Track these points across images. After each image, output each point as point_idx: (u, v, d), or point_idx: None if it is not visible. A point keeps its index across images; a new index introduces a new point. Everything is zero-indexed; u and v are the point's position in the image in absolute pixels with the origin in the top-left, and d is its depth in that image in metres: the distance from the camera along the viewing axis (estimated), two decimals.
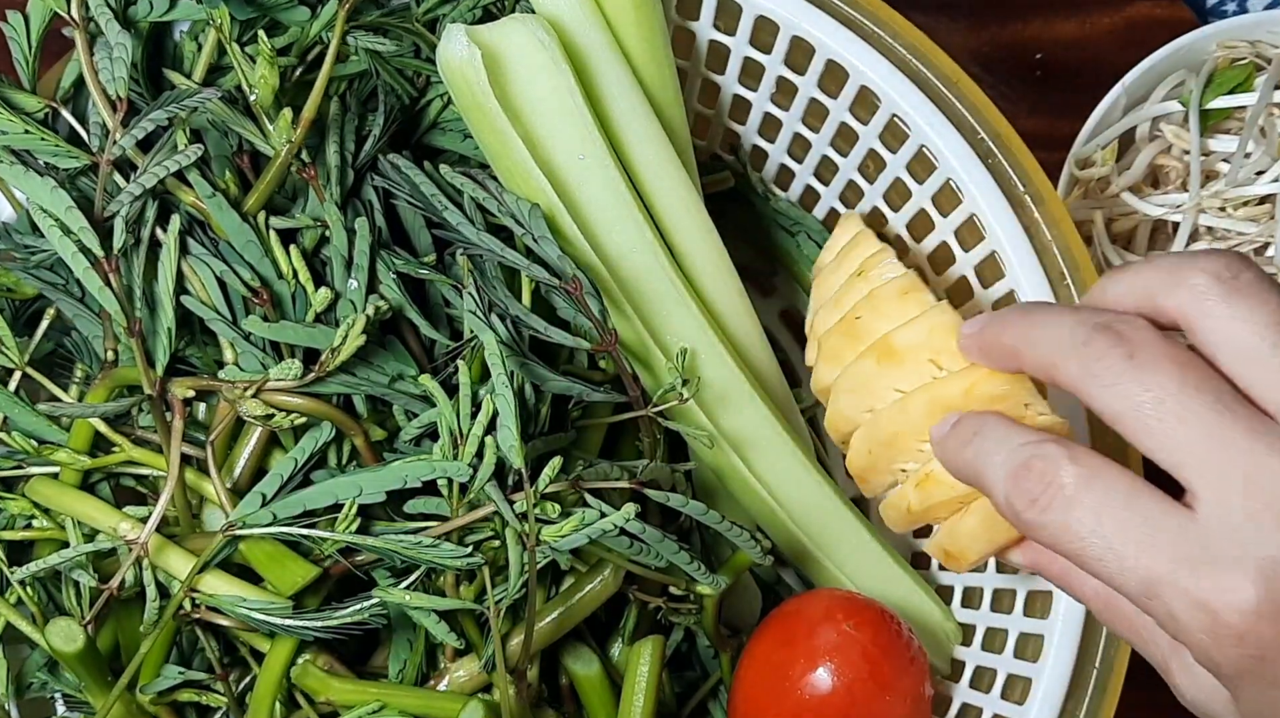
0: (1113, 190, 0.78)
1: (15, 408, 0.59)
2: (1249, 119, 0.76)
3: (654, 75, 0.61)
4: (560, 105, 0.57)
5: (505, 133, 0.56)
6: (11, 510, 0.59)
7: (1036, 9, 0.90)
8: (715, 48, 0.66)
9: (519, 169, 0.57)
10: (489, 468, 0.54)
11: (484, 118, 0.56)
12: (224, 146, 0.59)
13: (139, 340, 0.55)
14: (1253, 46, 0.79)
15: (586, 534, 0.53)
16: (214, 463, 0.56)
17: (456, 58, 0.55)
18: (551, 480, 0.54)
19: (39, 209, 0.54)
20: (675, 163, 0.61)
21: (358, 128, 0.61)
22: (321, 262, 0.59)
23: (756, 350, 0.65)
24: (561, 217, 0.57)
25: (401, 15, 0.63)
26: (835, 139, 0.68)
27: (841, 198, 0.71)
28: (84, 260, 0.53)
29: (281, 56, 0.60)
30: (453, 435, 0.55)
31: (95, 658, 0.57)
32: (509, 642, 0.58)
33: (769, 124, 0.71)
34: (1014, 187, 0.61)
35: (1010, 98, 0.58)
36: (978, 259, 0.63)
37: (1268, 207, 0.75)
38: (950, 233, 0.64)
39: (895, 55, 0.62)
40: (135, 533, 0.56)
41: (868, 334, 0.54)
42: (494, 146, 0.57)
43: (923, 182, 0.64)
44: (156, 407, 0.56)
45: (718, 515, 0.57)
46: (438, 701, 0.57)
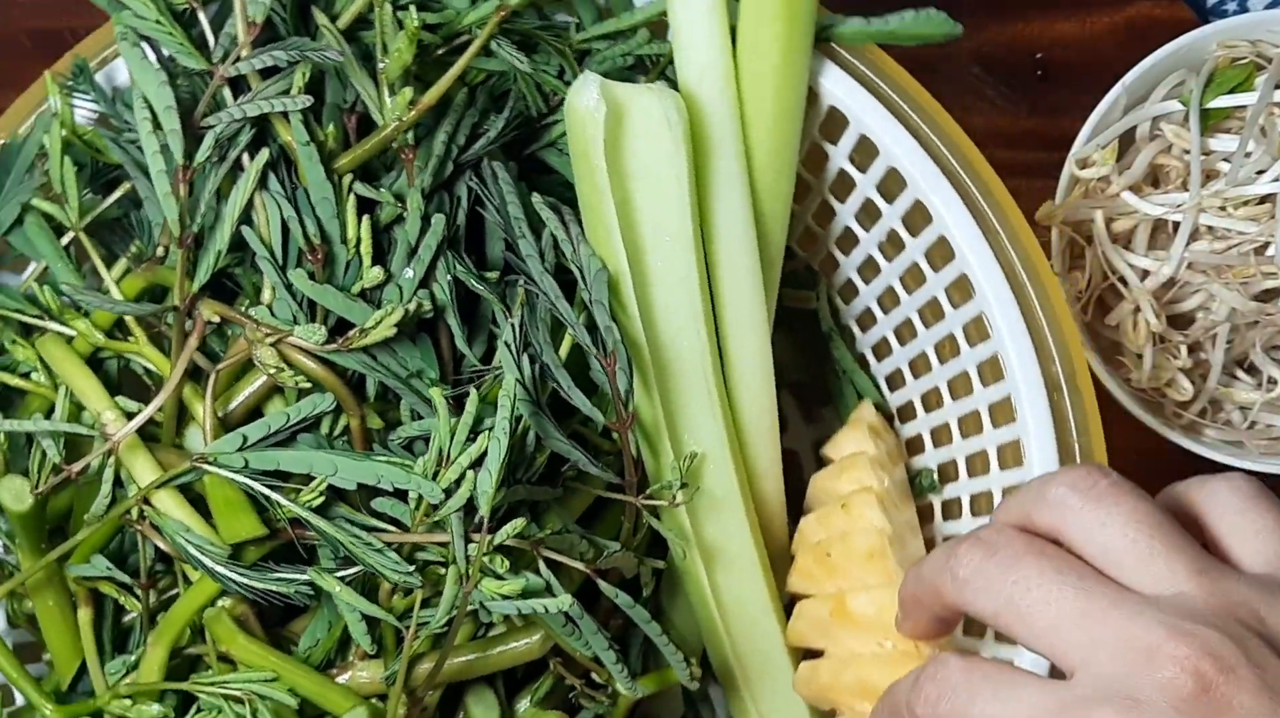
0: (1113, 190, 0.77)
1: (59, 263, 0.60)
2: (1249, 118, 0.75)
3: (770, 183, 0.60)
4: (664, 185, 0.56)
5: (603, 192, 0.55)
6: (17, 357, 0.60)
7: (1037, 8, 0.89)
8: (842, 175, 0.65)
9: (603, 228, 0.56)
10: (460, 500, 0.54)
11: (588, 170, 0.56)
12: (339, 96, 0.59)
13: (186, 252, 0.55)
14: (1253, 46, 0.78)
15: (518, 607, 0.52)
16: (212, 390, 0.57)
17: (583, 106, 0.55)
18: (511, 536, 0.53)
19: (141, 97, 0.54)
20: (756, 276, 0.60)
21: (476, 124, 0.61)
22: (388, 240, 0.59)
23: (768, 480, 0.64)
24: (625, 285, 0.57)
25: (559, 33, 0.62)
26: (904, 275, 0.67)
27: (897, 333, 0.70)
28: (161, 161, 0.53)
29: (428, 32, 0.60)
30: (441, 454, 0.55)
31: (38, 525, 0.58)
32: (419, 664, 0.57)
33: (847, 238, 0.70)
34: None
35: (1010, 97, 0.58)
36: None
37: (1268, 206, 0.75)
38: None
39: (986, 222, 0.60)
40: (116, 426, 0.57)
41: (834, 574, 0.60)
42: (588, 198, 0.57)
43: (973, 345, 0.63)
44: (180, 318, 0.57)
45: (658, 629, 0.57)
46: (330, 692, 0.57)
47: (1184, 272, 0.76)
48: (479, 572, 0.53)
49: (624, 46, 0.61)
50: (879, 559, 0.59)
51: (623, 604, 0.56)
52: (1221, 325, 0.76)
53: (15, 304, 0.60)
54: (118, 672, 0.58)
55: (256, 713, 0.56)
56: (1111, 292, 0.79)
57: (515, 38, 0.61)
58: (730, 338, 0.61)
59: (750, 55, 0.58)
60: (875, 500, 0.61)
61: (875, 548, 0.59)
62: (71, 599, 0.60)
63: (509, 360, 0.55)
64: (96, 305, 0.57)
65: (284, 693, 0.56)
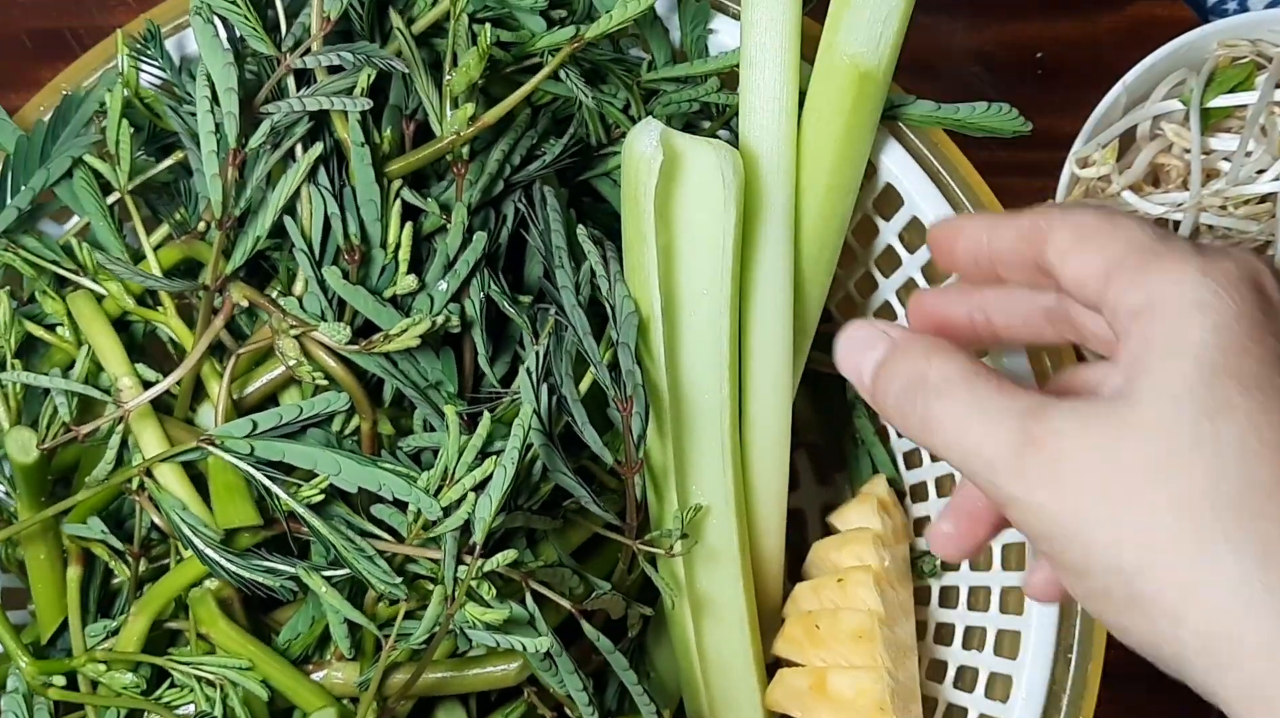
0: (1113, 189, 0.77)
1: (101, 221, 0.60)
2: (1250, 118, 0.75)
3: (815, 252, 0.60)
4: (709, 239, 0.56)
5: (647, 237, 0.55)
6: (46, 308, 0.60)
7: (1037, 8, 0.90)
8: (889, 251, 0.65)
9: (642, 272, 0.56)
10: (458, 520, 0.54)
11: (636, 214, 0.55)
12: (401, 100, 0.59)
13: (225, 234, 0.55)
14: (1253, 45, 0.77)
15: (497, 639, 0.52)
16: (231, 372, 0.57)
17: (640, 151, 0.54)
18: (502, 565, 0.53)
19: (204, 74, 0.54)
20: (786, 340, 0.60)
21: (533, 145, 0.61)
22: (428, 249, 0.59)
23: (770, 537, 0.64)
24: (656, 330, 0.56)
25: (630, 68, 0.62)
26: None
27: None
28: (214, 142, 0.53)
29: (500, 49, 0.59)
30: (446, 472, 0.55)
31: (40, 478, 0.58)
32: (394, 673, 0.57)
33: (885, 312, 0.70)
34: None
35: (1011, 97, 0.57)
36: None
37: (1268, 205, 0.74)
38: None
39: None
40: (131, 394, 0.57)
41: (819, 647, 0.60)
42: (632, 240, 0.56)
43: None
44: (209, 297, 0.57)
45: (634, 678, 0.57)
46: (302, 688, 0.57)
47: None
48: (465, 595, 0.53)
49: (692, 92, 0.61)
50: (866, 642, 0.59)
51: (603, 649, 0.55)
52: None
53: (53, 255, 0.60)
54: (98, 636, 0.58)
55: (227, 699, 0.56)
56: None
57: (585, 65, 0.61)
58: (753, 397, 0.60)
59: (814, 123, 0.57)
60: (871, 580, 0.60)
61: (863, 629, 0.59)
62: (63, 555, 0.60)
63: (528, 390, 0.55)
64: (128, 277, 0.57)
65: (256, 683, 0.56)
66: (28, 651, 0.58)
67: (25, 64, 0.85)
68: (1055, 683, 0.58)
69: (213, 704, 0.56)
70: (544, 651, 0.52)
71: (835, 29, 0.56)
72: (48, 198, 0.61)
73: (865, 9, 0.55)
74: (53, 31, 0.86)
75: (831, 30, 0.56)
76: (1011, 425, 0.40)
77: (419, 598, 0.57)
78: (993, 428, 0.40)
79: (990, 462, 0.40)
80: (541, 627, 0.53)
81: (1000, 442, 0.40)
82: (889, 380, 0.44)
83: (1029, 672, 0.59)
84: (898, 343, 0.45)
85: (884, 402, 0.45)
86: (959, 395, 0.42)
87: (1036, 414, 0.40)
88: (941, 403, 0.42)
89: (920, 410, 0.43)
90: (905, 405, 0.43)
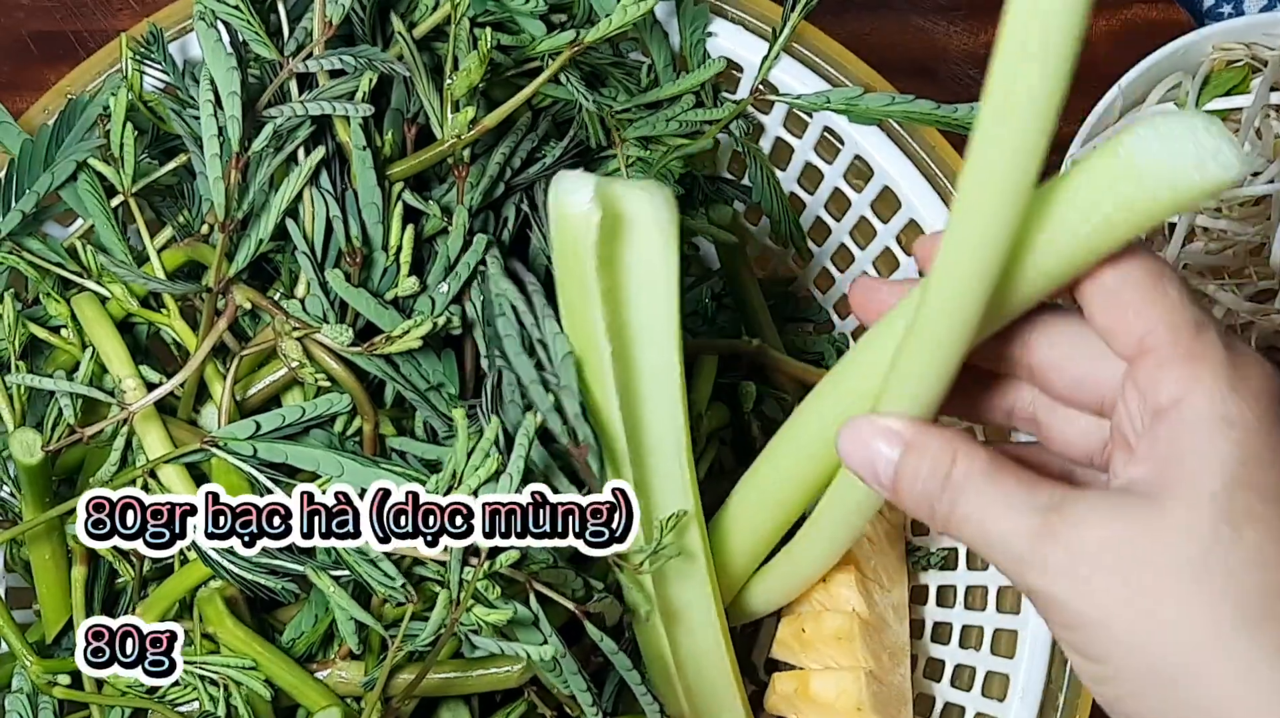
0: None
1: (105, 224, 0.61)
2: (1245, 121, 0.76)
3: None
4: (652, 283, 0.54)
5: (590, 290, 0.52)
6: (50, 310, 0.60)
7: None
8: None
9: (587, 322, 0.53)
10: (473, 543, 0.54)
11: (577, 269, 0.52)
12: (403, 103, 0.60)
13: (228, 236, 0.56)
14: (1248, 49, 0.78)
15: (501, 647, 0.52)
16: (234, 373, 0.57)
17: (574, 210, 0.51)
18: (505, 566, 0.53)
19: (208, 78, 0.54)
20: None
21: (534, 148, 0.61)
22: (429, 252, 0.59)
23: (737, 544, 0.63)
24: (605, 373, 0.54)
25: (630, 71, 0.63)
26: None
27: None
28: (217, 145, 0.54)
29: (500, 53, 0.60)
30: (455, 475, 0.55)
31: (44, 479, 0.59)
32: (399, 673, 0.58)
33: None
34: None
35: None
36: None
37: (1263, 207, 0.75)
38: None
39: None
40: (135, 395, 0.57)
41: (805, 648, 0.61)
42: (573, 295, 0.54)
43: None
44: (212, 299, 0.57)
45: (638, 677, 0.57)
46: (307, 687, 0.57)
47: (1180, 273, 0.76)
48: (470, 597, 0.53)
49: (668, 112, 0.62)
50: (846, 642, 0.59)
51: (606, 650, 0.56)
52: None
53: (57, 258, 0.60)
54: None
55: (230, 698, 0.57)
56: None
57: (585, 69, 0.62)
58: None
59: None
60: (854, 580, 0.61)
61: (844, 631, 0.59)
62: (68, 555, 0.60)
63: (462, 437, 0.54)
64: (131, 280, 0.57)
65: (260, 683, 0.56)
66: (33, 650, 0.59)
67: (29, 67, 0.86)
68: (1052, 682, 0.59)
69: (216, 703, 0.56)
70: (550, 656, 0.52)
71: None
72: (52, 201, 0.62)
73: None
74: (57, 35, 0.86)
75: None
76: (1035, 519, 0.41)
77: (425, 600, 0.57)
78: (1017, 522, 0.42)
79: (1016, 555, 0.42)
80: (546, 629, 0.54)
81: (1023, 534, 0.41)
82: (912, 481, 0.45)
83: (1026, 670, 0.59)
84: (913, 441, 0.45)
85: (906, 500, 0.45)
86: (983, 491, 0.43)
87: (1060, 508, 0.41)
88: (966, 499, 0.43)
89: (946, 509, 0.44)
90: (931, 503, 0.44)
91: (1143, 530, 0.40)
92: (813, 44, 0.63)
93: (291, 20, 0.57)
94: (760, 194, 0.69)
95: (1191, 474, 0.40)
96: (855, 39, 0.64)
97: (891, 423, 0.46)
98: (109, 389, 0.58)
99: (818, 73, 0.63)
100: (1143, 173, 0.39)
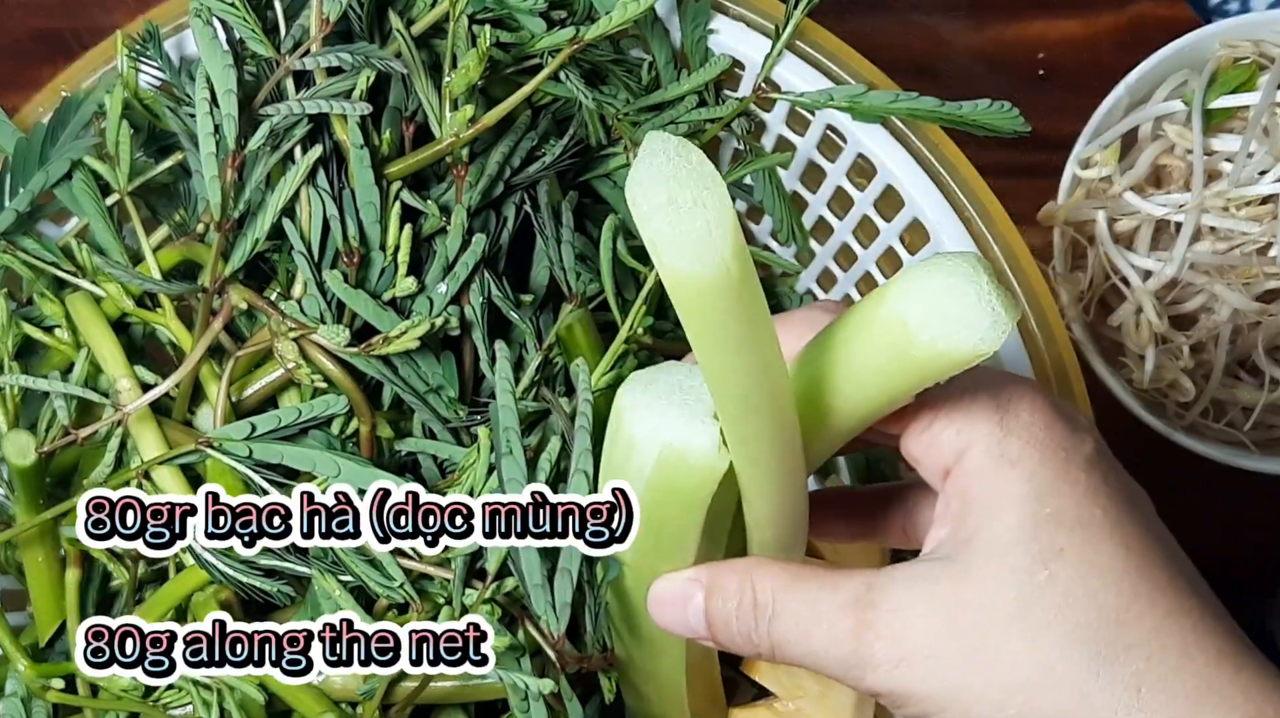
0: (1115, 190, 0.77)
1: (100, 223, 0.60)
2: (1252, 118, 0.75)
3: None
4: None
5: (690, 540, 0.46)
6: (44, 310, 0.60)
7: (1039, 9, 0.90)
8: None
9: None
10: (473, 545, 0.53)
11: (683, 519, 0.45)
12: (401, 101, 0.59)
13: (224, 235, 0.55)
14: (1255, 46, 0.78)
15: (499, 674, 0.52)
16: (230, 374, 0.56)
17: (698, 459, 0.42)
18: (499, 594, 0.53)
19: (204, 76, 0.54)
20: None
21: (533, 146, 0.61)
22: (427, 251, 0.59)
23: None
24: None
25: (630, 69, 0.62)
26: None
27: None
28: (213, 144, 0.53)
29: (499, 50, 0.59)
30: (472, 494, 0.54)
31: (38, 482, 0.58)
32: (399, 682, 0.57)
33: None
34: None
35: (1011, 98, 0.58)
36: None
37: (1270, 206, 0.75)
38: None
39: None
40: (130, 396, 0.57)
41: (775, 670, 0.61)
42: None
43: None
44: (207, 299, 0.56)
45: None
46: (303, 693, 0.57)
47: (1186, 272, 0.76)
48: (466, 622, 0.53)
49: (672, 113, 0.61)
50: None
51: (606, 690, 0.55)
52: (1224, 326, 0.76)
53: (51, 257, 0.60)
54: None
55: (224, 703, 0.56)
56: (1114, 292, 0.79)
57: (585, 66, 0.61)
58: None
59: None
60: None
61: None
62: (62, 558, 0.60)
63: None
64: (126, 279, 0.57)
65: (254, 688, 0.56)
66: (26, 653, 0.58)
67: (25, 64, 0.86)
68: None
69: (210, 708, 0.55)
70: (546, 692, 0.51)
71: None
72: (47, 199, 0.61)
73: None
74: (53, 32, 0.86)
75: None
76: (848, 620, 0.40)
77: (430, 609, 0.56)
78: (832, 626, 0.41)
79: (843, 660, 0.41)
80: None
81: (842, 638, 0.40)
82: (726, 622, 0.44)
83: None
84: (711, 583, 0.44)
85: (726, 641, 0.44)
86: (788, 607, 0.42)
87: (869, 597, 0.40)
88: (779, 622, 0.42)
89: (764, 638, 0.43)
90: (750, 636, 0.43)
91: (956, 596, 0.39)
92: (815, 41, 0.62)
93: (288, 17, 0.57)
94: (762, 193, 0.68)
95: (987, 524, 0.40)
96: (857, 37, 0.63)
97: (688, 573, 0.45)
98: (104, 390, 0.58)
99: (820, 70, 0.62)
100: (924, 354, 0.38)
